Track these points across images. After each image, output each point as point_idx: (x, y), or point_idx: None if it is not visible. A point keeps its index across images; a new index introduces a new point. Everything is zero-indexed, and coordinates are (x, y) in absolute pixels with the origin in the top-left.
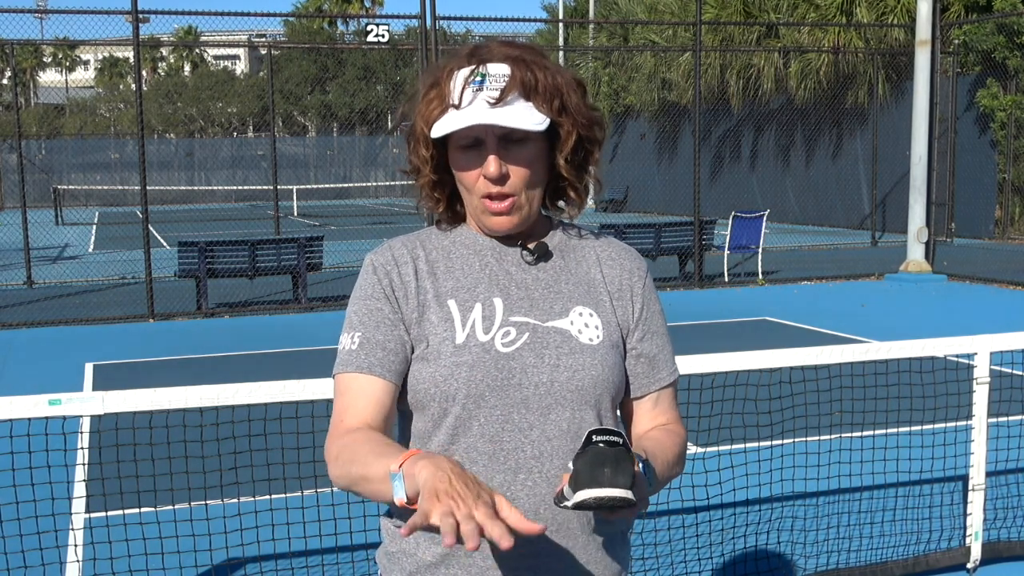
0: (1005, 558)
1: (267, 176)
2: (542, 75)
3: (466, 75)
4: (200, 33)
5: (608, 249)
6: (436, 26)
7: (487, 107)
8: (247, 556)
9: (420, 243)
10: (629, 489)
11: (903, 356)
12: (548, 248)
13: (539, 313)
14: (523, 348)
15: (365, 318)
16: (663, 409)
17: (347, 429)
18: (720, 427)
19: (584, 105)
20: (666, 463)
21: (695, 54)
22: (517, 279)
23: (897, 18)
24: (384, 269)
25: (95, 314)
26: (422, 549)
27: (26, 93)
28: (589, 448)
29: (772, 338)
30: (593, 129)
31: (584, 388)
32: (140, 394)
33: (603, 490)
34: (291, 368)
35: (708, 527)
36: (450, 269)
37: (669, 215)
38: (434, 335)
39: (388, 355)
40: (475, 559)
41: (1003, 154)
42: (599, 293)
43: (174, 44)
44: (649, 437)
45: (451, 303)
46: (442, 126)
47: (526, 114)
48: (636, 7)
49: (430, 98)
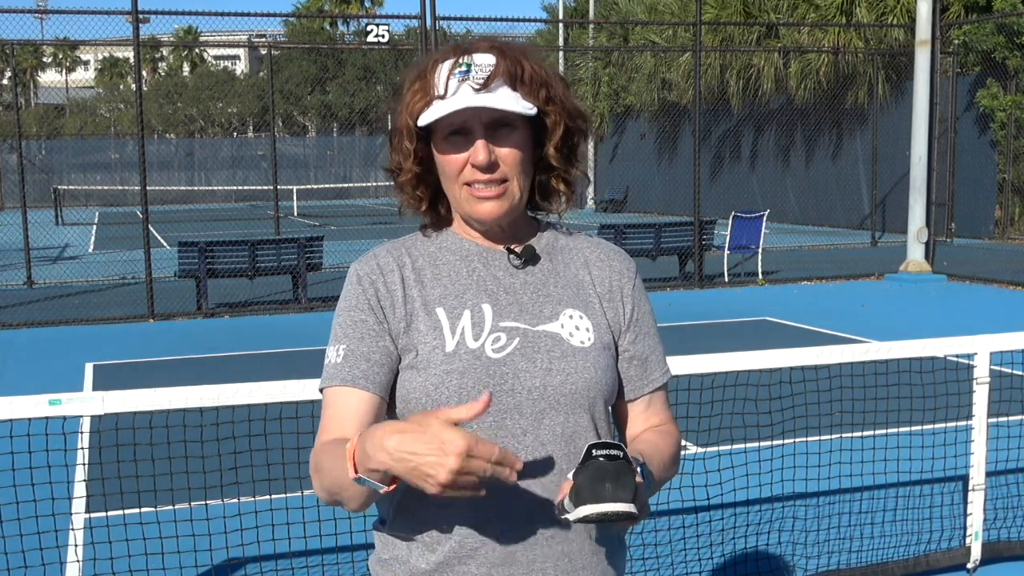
0: (1005, 558)
1: (267, 176)
2: (528, 65)
3: (450, 66)
4: (200, 33)
5: (597, 251)
6: (436, 26)
7: (473, 93)
8: (247, 556)
9: (406, 250)
10: (631, 502)
11: (903, 356)
12: (535, 251)
13: (529, 317)
14: (514, 353)
15: (349, 330)
16: (656, 410)
17: (322, 444)
18: (720, 427)
19: (569, 96)
20: (662, 464)
21: (695, 54)
22: (505, 284)
23: (897, 18)
24: (369, 279)
25: (95, 314)
26: (415, 556)
27: (26, 93)
28: (589, 463)
29: (772, 338)
30: (579, 120)
31: (577, 391)
32: (140, 394)
33: (605, 505)
34: (291, 368)
35: (708, 527)
36: (437, 276)
37: (669, 215)
38: (423, 344)
39: (372, 367)
40: (470, 567)
41: (1003, 154)
42: (588, 295)
43: (174, 44)
44: (643, 440)
45: (439, 311)
46: (429, 115)
47: (513, 99)
48: (636, 7)
49: (414, 90)
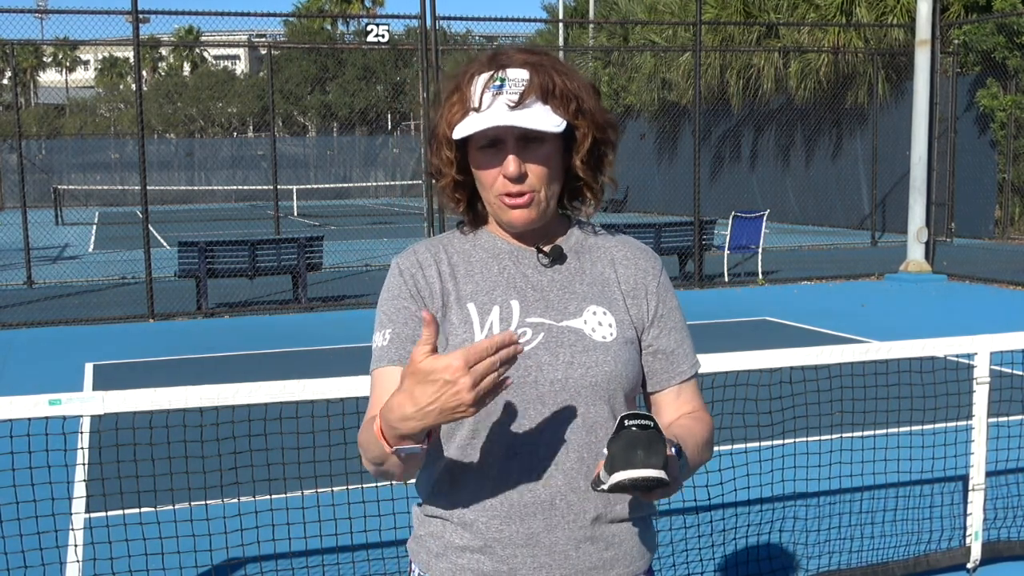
0: (1005, 558)
1: (267, 176)
2: (560, 79)
3: (486, 80)
4: (200, 33)
5: (623, 249)
6: (436, 26)
7: (507, 109)
8: (247, 556)
9: (443, 247)
10: (662, 469)
11: (903, 356)
12: (563, 251)
13: (554, 313)
14: (538, 347)
15: (394, 316)
16: (687, 399)
17: (365, 422)
18: (720, 427)
19: (599, 108)
20: (696, 447)
21: (695, 54)
22: (533, 281)
23: (897, 18)
24: (410, 272)
25: (95, 314)
26: (449, 532)
27: (26, 93)
28: (622, 432)
29: (772, 338)
30: (607, 132)
31: (598, 384)
32: (140, 394)
33: (637, 471)
34: (291, 368)
35: (710, 528)
36: (470, 273)
37: (669, 215)
38: (454, 335)
39: None
40: (495, 550)
41: (1003, 154)
42: (613, 292)
43: (174, 44)
44: (678, 424)
45: (471, 306)
46: (463, 128)
47: (544, 116)
48: (636, 7)
49: (452, 102)
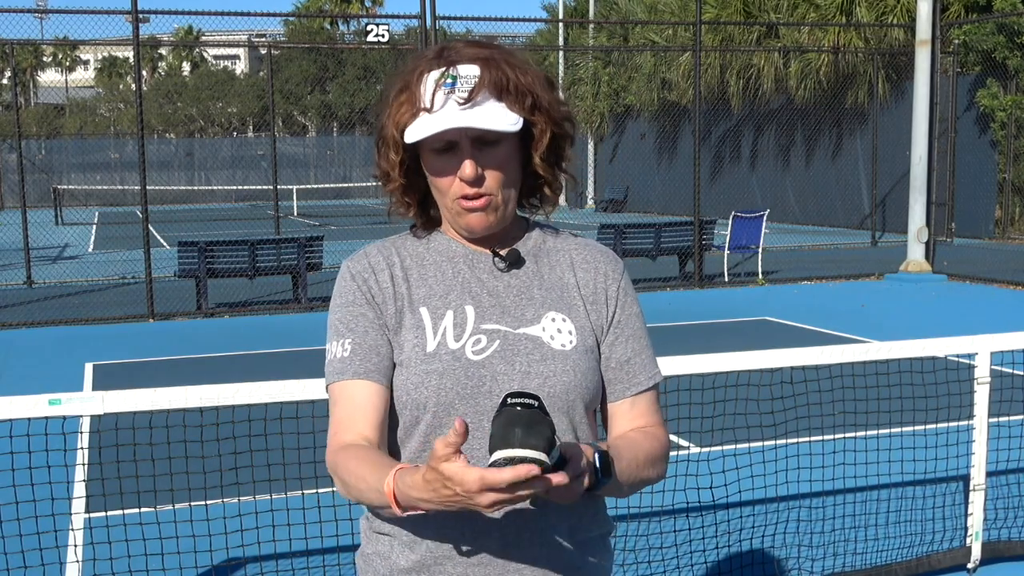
0: (1005, 558)
1: (267, 176)
2: (512, 74)
3: (436, 78)
4: (200, 33)
5: (583, 252)
6: (436, 26)
7: (459, 109)
8: (247, 556)
9: (395, 249)
10: (544, 452)
11: (903, 356)
12: (520, 255)
13: (510, 320)
14: (493, 356)
15: (352, 324)
16: (641, 412)
17: (340, 444)
18: (721, 428)
19: (555, 101)
20: (634, 461)
21: (695, 54)
22: (489, 286)
23: (897, 18)
24: (362, 276)
25: (95, 314)
26: (396, 553)
27: (26, 93)
28: (504, 410)
29: (772, 338)
30: (565, 125)
31: (556, 395)
32: (140, 394)
33: (513, 451)
34: (291, 368)
35: (715, 529)
36: (423, 276)
37: (669, 215)
38: (407, 342)
39: (382, 360)
40: (446, 567)
41: (1003, 154)
42: (572, 298)
43: (174, 44)
44: (623, 436)
45: (423, 310)
46: (415, 131)
47: (499, 114)
48: (636, 7)
49: (400, 101)
